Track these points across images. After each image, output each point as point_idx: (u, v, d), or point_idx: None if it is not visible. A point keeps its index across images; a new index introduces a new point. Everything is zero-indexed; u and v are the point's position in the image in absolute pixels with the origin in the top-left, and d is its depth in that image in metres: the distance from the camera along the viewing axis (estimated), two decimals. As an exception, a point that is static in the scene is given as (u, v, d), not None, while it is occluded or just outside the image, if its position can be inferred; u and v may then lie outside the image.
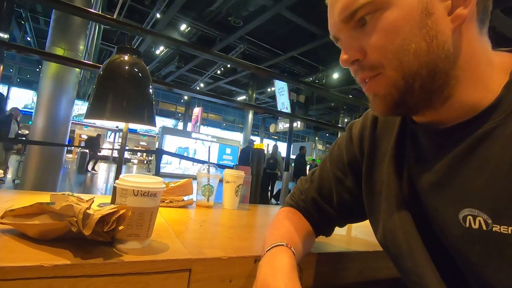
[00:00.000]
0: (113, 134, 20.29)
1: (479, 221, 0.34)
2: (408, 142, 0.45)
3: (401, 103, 0.37)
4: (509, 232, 0.31)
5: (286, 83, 9.81)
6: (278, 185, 6.45)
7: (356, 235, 0.83)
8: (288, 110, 9.53)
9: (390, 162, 0.46)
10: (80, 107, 15.07)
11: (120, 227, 0.42)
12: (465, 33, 0.35)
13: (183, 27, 9.82)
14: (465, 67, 0.36)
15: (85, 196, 0.54)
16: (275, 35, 9.63)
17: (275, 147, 6.78)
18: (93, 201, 0.43)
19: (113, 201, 0.72)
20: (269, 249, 0.45)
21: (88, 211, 0.40)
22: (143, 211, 0.46)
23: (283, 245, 0.45)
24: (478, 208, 0.34)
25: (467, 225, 0.35)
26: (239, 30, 9.08)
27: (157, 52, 11.88)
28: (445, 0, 0.34)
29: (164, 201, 0.85)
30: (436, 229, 0.39)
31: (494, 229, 0.32)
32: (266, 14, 7.90)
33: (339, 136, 0.62)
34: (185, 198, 0.91)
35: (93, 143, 9.42)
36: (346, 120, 14.64)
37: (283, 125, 12.79)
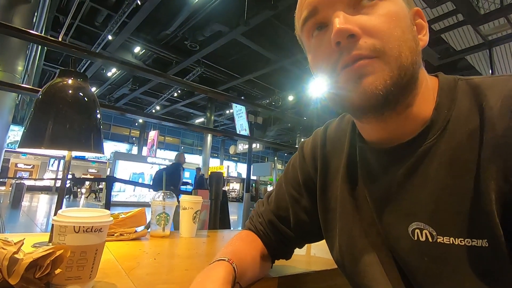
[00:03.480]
0: (56, 161, 18.45)
1: (426, 233, 0.36)
2: (358, 161, 0.47)
3: (391, 92, 0.36)
4: (451, 242, 0.34)
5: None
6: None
7: (315, 254, 0.84)
8: (247, 132, 9.66)
9: (343, 180, 0.48)
10: (17, 133, 13.55)
11: (57, 271, 0.37)
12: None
13: (137, 49, 9.61)
14: (421, 83, 0.39)
15: (15, 237, 0.47)
16: (231, 59, 9.91)
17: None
18: (22, 243, 0.38)
19: (51, 240, 0.64)
20: (211, 263, 0.45)
21: (16, 255, 0.35)
22: (86, 250, 0.41)
23: (224, 260, 0.45)
24: (424, 221, 0.36)
25: (416, 238, 0.37)
26: (196, 54, 9.17)
27: (109, 74, 11.37)
28: (414, 23, 0.39)
29: (113, 235, 0.77)
30: (389, 244, 0.41)
31: (438, 240, 0.35)
32: (222, 39, 8.13)
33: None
34: (138, 229, 0.84)
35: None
36: (302, 139, 15.26)
37: (242, 146, 12.88)
